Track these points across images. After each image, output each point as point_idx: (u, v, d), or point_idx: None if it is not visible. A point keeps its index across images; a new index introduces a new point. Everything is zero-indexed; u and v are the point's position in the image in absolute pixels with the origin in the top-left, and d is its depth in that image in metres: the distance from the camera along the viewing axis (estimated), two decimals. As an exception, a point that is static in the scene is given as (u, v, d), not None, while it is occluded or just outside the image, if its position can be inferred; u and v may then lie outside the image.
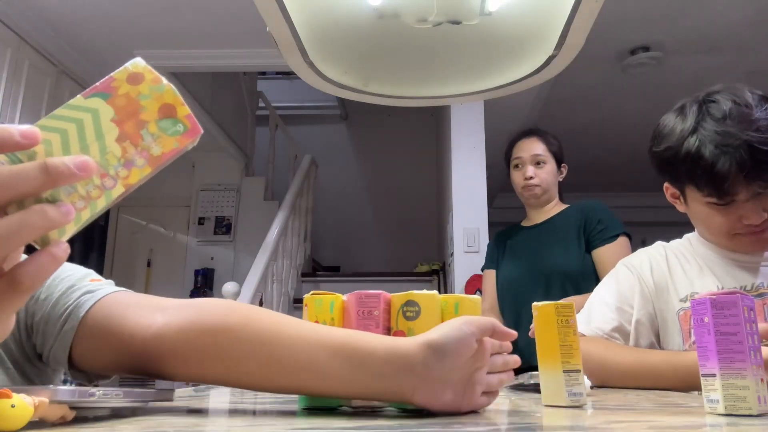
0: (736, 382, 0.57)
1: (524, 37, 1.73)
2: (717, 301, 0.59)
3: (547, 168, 2.02)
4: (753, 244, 1.05)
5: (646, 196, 3.06)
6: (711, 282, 1.09)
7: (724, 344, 0.58)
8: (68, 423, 0.45)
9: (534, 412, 0.61)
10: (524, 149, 2.04)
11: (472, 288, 3.14)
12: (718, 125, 0.99)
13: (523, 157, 2.03)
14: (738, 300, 0.58)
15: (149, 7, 3.09)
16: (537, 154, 2.02)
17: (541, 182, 2.01)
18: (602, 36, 2.87)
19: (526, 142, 2.06)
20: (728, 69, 3.59)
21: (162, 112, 0.40)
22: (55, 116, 0.38)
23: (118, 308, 0.65)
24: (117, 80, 0.39)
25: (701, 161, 0.99)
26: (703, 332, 0.59)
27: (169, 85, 0.41)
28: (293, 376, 0.55)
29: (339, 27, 1.68)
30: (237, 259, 5.00)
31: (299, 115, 6.27)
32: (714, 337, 0.58)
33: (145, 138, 0.40)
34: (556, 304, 0.67)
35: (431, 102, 2.07)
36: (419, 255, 5.39)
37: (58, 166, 0.35)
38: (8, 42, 3.05)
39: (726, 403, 0.57)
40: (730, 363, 0.57)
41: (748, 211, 1.00)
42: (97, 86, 0.39)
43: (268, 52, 3.29)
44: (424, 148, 5.93)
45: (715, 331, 0.58)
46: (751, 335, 0.58)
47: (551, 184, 2.03)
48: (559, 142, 2.08)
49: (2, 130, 0.35)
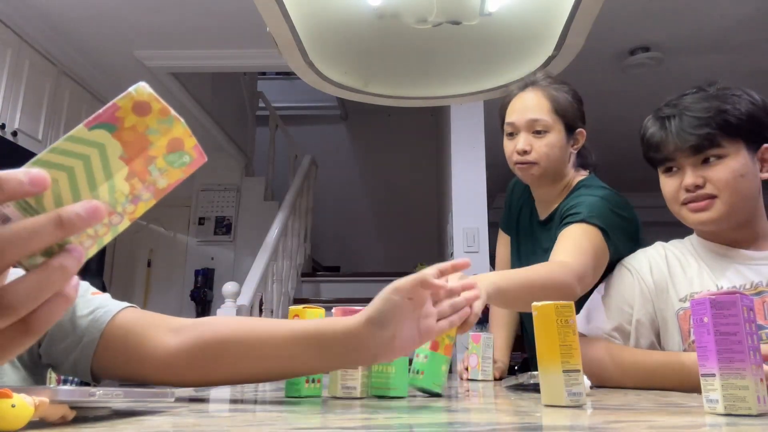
0: (736, 381, 0.56)
1: (524, 37, 1.74)
2: (716, 301, 0.58)
3: (549, 138, 1.40)
4: (692, 215, 1.09)
5: (646, 197, 3.06)
6: (710, 281, 1.09)
7: (723, 344, 0.58)
8: (68, 423, 0.45)
9: (534, 412, 0.61)
10: (518, 109, 1.43)
11: (472, 288, 3.13)
12: (670, 104, 1.11)
13: (516, 122, 1.42)
14: (737, 300, 0.58)
15: (149, 7, 3.09)
16: (535, 119, 1.39)
17: (539, 158, 1.40)
18: (602, 36, 2.87)
19: (524, 98, 1.43)
20: (728, 69, 3.59)
21: (170, 146, 0.39)
22: (59, 150, 0.36)
23: (135, 327, 0.75)
24: (122, 109, 0.37)
25: (647, 133, 1.14)
26: (703, 332, 0.59)
27: (178, 118, 0.39)
28: (275, 364, 0.70)
29: (339, 27, 1.68)
30: (237, 259, 5.00)
31: (299, 116, 6.27)
32: (713, 337, 0.58)
33: (153, 173, 0.39)
34: (555, 304, 0.67)
35: (431, 102, 2.07)
36: (419, 255, 5.39)
37: (72, 218, 0.34)
38: (8, 42, 3.05)
39: (725, 403, 0.56)
40: (729, 363, 0.57)
41: (686, 176, 1.08)
42: (101, 115, 0.37)
43: (268, 53, 3.29)
44: (424, 148, 5.93)
45: (715, 331, 0.58)
46: (751, 335, 0.58)
47: (556, 160, 1.41)
48: (574, 96, 1.45)
49: (11, 178, 0.34)
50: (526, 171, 1.42)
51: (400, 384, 0.76)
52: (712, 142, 1.04)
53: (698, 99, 1.08)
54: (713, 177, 1.05)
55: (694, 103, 1.07)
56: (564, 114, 1.41)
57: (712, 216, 1.06)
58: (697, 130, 1.04)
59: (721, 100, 1.05)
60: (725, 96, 1.06)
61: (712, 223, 1.07)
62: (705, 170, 1.06)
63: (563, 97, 1.42)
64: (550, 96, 1.41)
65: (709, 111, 1.05)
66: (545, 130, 1.40)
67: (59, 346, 0.77)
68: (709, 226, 1.09)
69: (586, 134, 1.46)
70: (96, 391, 0.46)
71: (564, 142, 1.42)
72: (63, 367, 0.78)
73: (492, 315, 1.78)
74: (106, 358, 0.75)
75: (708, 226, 1.09)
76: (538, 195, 1.54)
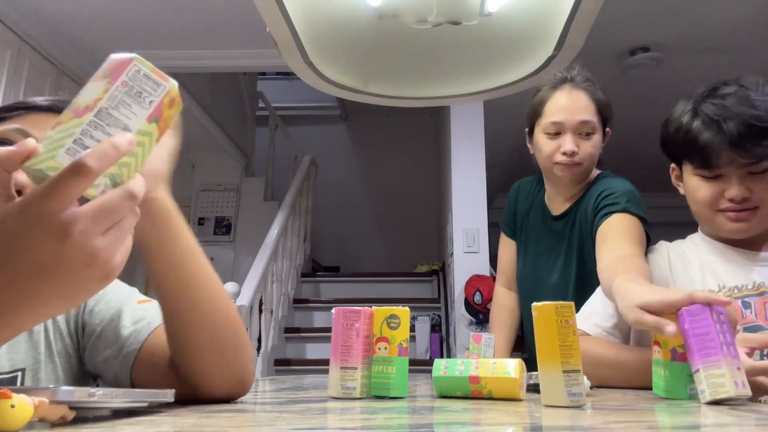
0: (715, 371, 0.68)
1: (524, 37, 1.74)
2: (690, 310, 0.73)
3: (595, 139, 1.39)
4: (731, 224, 1.06)
5: (647, 197, 3.05)
6: (712, 282, 1.09)
7: (700, 343, 0.70)
8: (68, 423, 0.45)
9: (534, 412, 0.61)
10: (566, 109, 1.37)
11: (471, 288, 3.13)
12: (715, 102, 1.04)
13: (565, 122, 1.37)
14: (704, 307, 0.72)
15: (149, 7, 3.09)
16: (586, 121, 1.37)
17: (584, 159, 1.38)
18: (602, 36, 2.87)
19: (568, 96, 1.38)
20: (728, 69, 3.56)
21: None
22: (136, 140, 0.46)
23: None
24: (164, 104, 0.47)
25: (691, 133, 1.04)
26: (687, 338, 0.72)
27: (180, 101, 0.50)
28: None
29: (339, 28, 1.68)
30: (237, 259, 5.00)
31: (299, 116, 6.27)
32: (693, 340, 0.71)
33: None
34: (556, 304, 0.67)
35: (431, 102, 2.07)
36: (419, 255, 5.39)
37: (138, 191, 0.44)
38: (8, 42, 3.05)
39: (709, 390, 0.67)
40: (707, 357, 0.69)
41: (732, 185, 1.03)
42: (154, 112, 0.47)
43: (268, 53, 3.29)
44: (423, 149, 5.93)
45: (692, 334, 0.71)
46: (723, 333, 0.71)
47: (596, 160, 1.42)
48: (606, 95, 1.43)
49: (109, 145, 0.42)
50: (569, 170, 1.40)
51: (400, 384, 0.76)
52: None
53: (747, 102, 1.01)
54: (760, 188, 1.03)
55: (747, 108, 1.00)
56: (605, 114, 1.42)
57: (751, 226, 1.05)
58: (760, 140, 0.99)
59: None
60: None
61: (749, 232, 1.06)
62: (751, 181, 1.03)
63: (603, 98, 1.41)
64: (596, 97, 1.40)
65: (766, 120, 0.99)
66: (592, 132, 1.39)
67: (102, 355, 0.76)
68: (744, 235, 1.08)
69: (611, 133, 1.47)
70: (96, 391, 0.46)
71: (601, 142, 1.43)
72: (106, 377, 0.77)
73: (492, 315, 1.77)
74: (144, 372, 0.73)
75: (743, 235, 1.08)
76: (558, 191, 1.52)
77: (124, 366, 0.74)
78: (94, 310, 0.79)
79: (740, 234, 1.07)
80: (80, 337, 0.80)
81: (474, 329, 3.11)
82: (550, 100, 1.41)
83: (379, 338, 0.77)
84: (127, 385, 0.74)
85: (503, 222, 1.72)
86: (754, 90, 1.03)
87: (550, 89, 1.42)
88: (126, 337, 0.75)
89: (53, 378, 0.77)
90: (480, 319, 3.10)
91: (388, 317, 0.78)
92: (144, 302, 0.80)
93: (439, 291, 4.54)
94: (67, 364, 0.79)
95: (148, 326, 0.75)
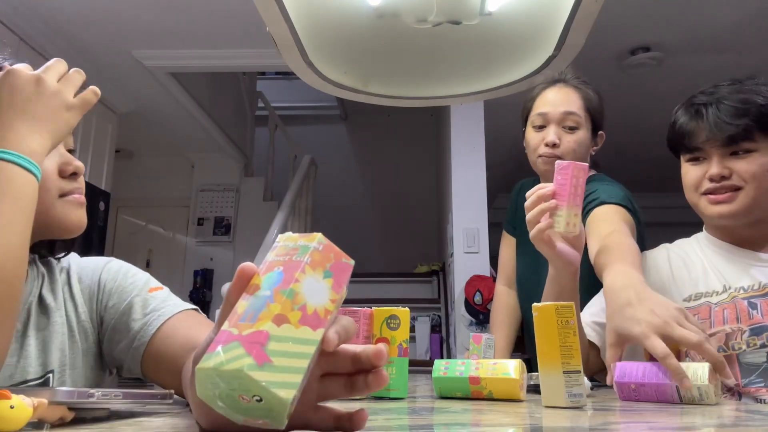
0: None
1: (524, 37, 1.73)
2: (559, 165, 0.96)
3: (579, 134, 1.40)
4: (712, 207, 1.07)
5: (647, 197, 3.05)
6: (717, 282, 1.08)
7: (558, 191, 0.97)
8: (67, 424, 0.45)
9: (534, 413, 0.61)
10: (552, 102, 1.42)
11: (471, 289, 3.13)
12: (705, 91, 1.09)
13: (550, 113, 1.41)
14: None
15: (149, 7, 3.09)
16: (570, 112, 1.40)
17: (566, 153, 1.39)
18: (602, 36, 2.87)
19: (557, 91, 1.43)
20: (728, 69, 3.58)
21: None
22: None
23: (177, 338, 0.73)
24: (331, 260, 0.46)
25: (679, 120, 1.11)
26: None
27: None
28: None
29: (339, 27, 1.68)
30: (236, 259, 4.99)
31: (299, 116, 6.26)
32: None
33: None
34: (556, 304, 0.67)
35: (431, 102, 2.07)
36: (419, 255, 5.39)
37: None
38: (8, 42, 3.05)
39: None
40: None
41: (712, 165, 1.06)
42: (338, 273, 0.46)
43: (268, 52, 3.29)
44: (423, 149, 5.93)
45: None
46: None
47: (580, 157, 1.40)
48: (600, 98, 1.46)
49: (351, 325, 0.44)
50: (551, 163, 1.37)
51: (400, 385, 0.76)
52: (747, 133, 1.02)
53: (735, 90, 1.06)
54: (740, 168, 1.03)
55: (732, 94, 1.05)
56: (594, 114, 1.43)
57: (732, 209, 1.04)
58: (735, 119, 1.03)
59: (759, 94, 1.04)
60: (763, 91, 1.05)
61: (731, 216, 1.05)
62: (732, 161, 1.04)
63: (594, 97, 1.44)
64: (584, 94, 1.42)
65: (747, 103, 1.03)
66: (576, 127, 1.41)
67: (117, 347, 0.77)
68: (726, 219, 1.06)
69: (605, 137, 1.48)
70: (95, 392, 0.46)
71: (589, 141, 1.43)
72: (123, 369, 0.79)
73: (493, 314, 1.77)
74: (152, 366, 0.74)
75: (726, 220, 1.07)
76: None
77: (134, 361, 0.75)
78: (109, 304, 0.80)
79: (723, 218, 1.07)
80: (99, 332, 0.81)
81: (474, 330, 3.11)
82: (540, 96, 1.45)
83: (379, 339, 0.77)
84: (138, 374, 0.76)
85: (506, 219, 1.74)
86: (740, 83, 1.07)
87: (542, 88, 1.47)
88: (137, 330, 0.76)
89: (81, 376, 0.78)
90: (480, 319, 3.10)
91: (387, 318, 0.78)
92: (155, 289, 0.80)
93: (439, 291, 4.54)
94: (94, 360, 0.80)
95: (158, 319, 0.76)
